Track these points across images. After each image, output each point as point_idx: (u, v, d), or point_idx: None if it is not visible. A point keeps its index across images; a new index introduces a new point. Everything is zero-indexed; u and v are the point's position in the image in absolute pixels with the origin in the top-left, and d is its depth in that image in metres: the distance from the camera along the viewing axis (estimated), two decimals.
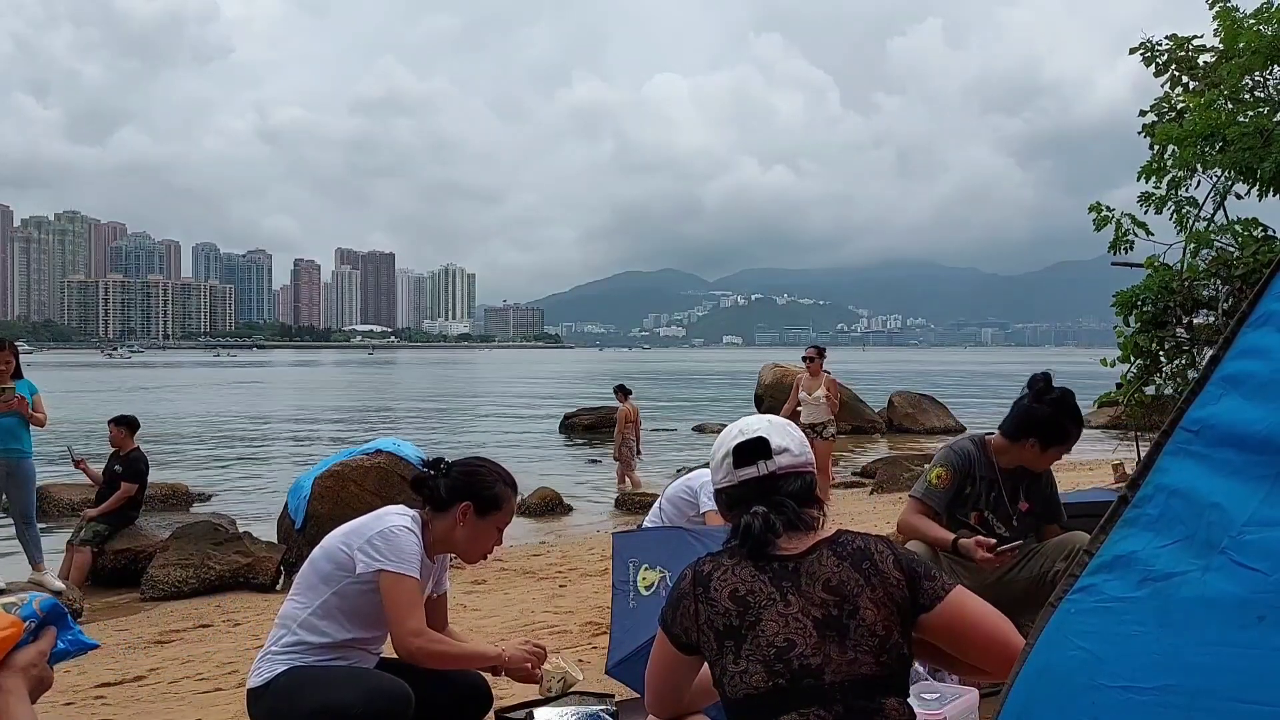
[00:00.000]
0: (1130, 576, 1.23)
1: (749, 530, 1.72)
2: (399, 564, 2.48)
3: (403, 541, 2.51)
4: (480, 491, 2.61)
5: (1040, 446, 3.17)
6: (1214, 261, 5.31)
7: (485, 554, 2.69)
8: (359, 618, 2.56)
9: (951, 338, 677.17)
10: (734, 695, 1.66)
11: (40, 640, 1.22)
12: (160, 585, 6.98)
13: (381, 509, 2.68)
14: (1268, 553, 1.11)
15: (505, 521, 2.66)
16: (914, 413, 21.20)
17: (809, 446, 1.91)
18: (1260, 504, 1.13)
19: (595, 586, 6.08)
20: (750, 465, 1.82)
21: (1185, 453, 1.25)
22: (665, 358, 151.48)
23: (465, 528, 2.60)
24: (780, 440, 1.83)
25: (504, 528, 2.67)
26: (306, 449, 18.38)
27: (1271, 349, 1.20)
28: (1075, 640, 1.24)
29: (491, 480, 2.64)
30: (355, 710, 2.42)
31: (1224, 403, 1.23)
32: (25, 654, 1.18)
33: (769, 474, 1.81)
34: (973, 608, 1.73)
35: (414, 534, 2.55)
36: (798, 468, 1.83)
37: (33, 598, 1.24)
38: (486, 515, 2.61)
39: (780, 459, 1.82)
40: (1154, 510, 1.25)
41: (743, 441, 1.83)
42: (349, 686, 2.49)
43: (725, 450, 1.86)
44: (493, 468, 2.69)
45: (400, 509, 2.64)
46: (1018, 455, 3.23)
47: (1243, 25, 5.30)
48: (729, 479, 1.85)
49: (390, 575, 2.47)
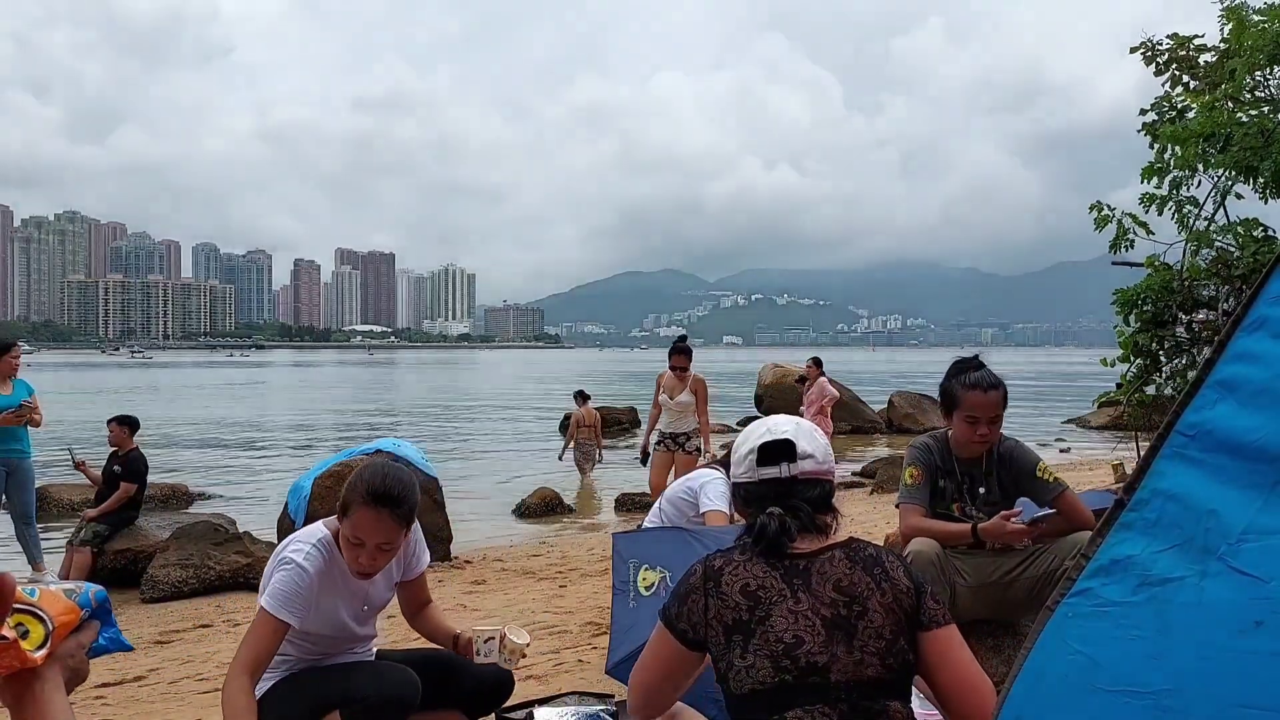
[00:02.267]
0: (1128, 581, 1.23)
1: (764, 530, 1.74)
2: (270, 601, 2.41)
3: (286, 579, 2.43)
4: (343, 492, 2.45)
5: (948, 415, 3.18)
6: (1214, 261, 5.31)
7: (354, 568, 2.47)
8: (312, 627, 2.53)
9: (951, 338, 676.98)
10: (739, 690, 1.66)
11: (82, 633, 1.20)
12: (160, 585, 6.97)
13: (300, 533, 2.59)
14: (1266, 560, 1.11)
15: (356, 535, 2.39)
16: (914, 413, 21.18)
17: (832, 454, 1.91)
18: (1258, 512, 1.13)
19: (595, 586, 6.08)
20: (773, 465, 1.83)
21: (1181, 457, 1.26)
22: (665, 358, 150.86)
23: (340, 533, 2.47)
24: (806, 445, 1.84)
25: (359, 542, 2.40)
26: (307, 449, 18.38)
27: (1266, 356, 1.20)
28: (1073, 644, 1.24)
29: (350, 483, 2.43)
30: (369, 696, 2.45)
31: (1220, 408, 1.23)
32: (66, 644, 1.17)
33: (790, 477, 1.82)
34: (959, 648, 1.74)
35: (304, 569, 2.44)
36: (819, 474, 1.85)
37: (89, 588, 1.23)
38: (341, 520, 2.45)
39: (804, 464, 1.83)
40: (1151, 514, 1.25)
41: (769, 441, 1.84)
42: (358, 675, 2.53)
43: (750, 447, 1.87)
44: (365, 471, 2.43)
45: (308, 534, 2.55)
46: (956, 436, 3.20)
47: (1250, 22, 5.29)
48: (750, 475, 1.86)
49: (261, 610, 2.42)
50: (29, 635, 1.09)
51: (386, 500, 2.38)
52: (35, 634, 1.10)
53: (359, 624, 2.67)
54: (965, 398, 3.11)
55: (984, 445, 3.18)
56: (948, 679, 1.70)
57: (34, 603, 1.12)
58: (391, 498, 2.38)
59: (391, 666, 2.63)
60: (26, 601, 1.11)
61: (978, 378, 3.12)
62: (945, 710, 1.76)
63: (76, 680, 1.20)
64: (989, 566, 3.21)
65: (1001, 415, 3.16)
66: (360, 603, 2.65)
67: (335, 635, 2.62)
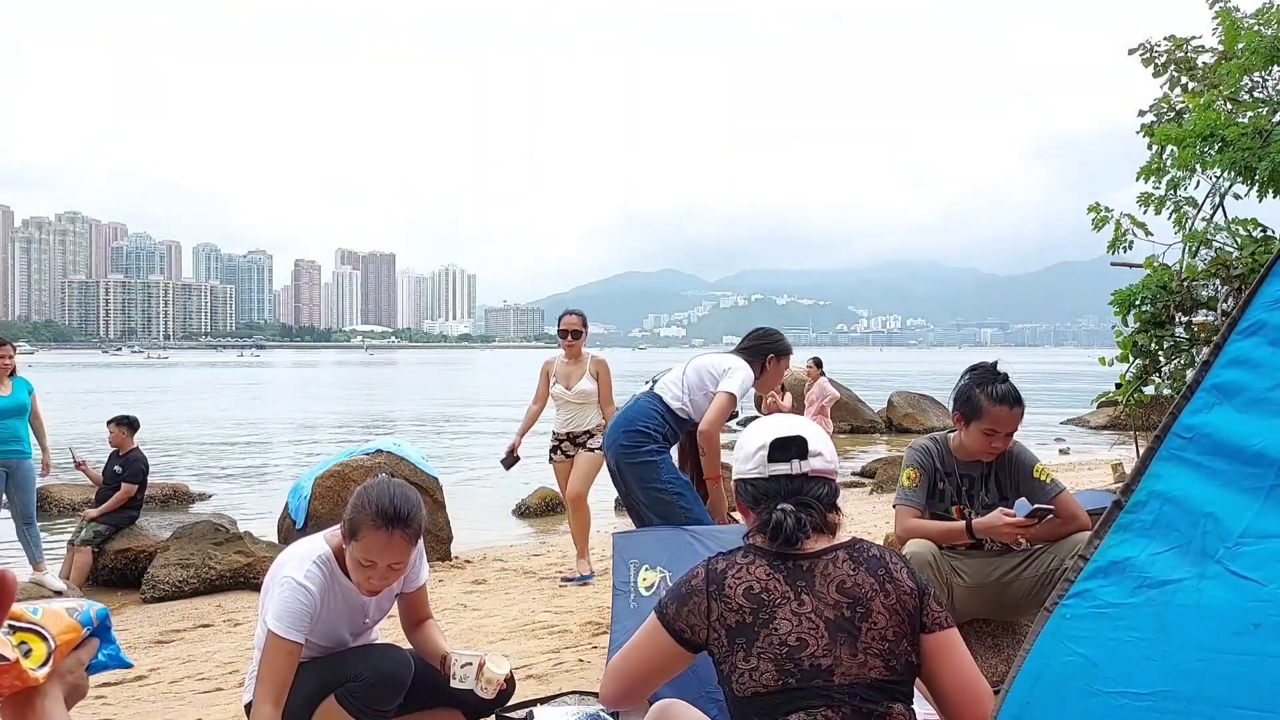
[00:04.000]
0: (1126, 583, 1.23)
1: (780, 527, 1.72)
2: (278, 624, 2.39)
3: (290, 599, 2.41)
4: (347, 514, 2.44)
5: (965, 423, 3.15)
6: (1213, 262, 5.31)
7: (365, 588, 2.47)
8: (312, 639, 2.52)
9: (951, 338, 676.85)
10: (742, 693, 1.66)
11: (82, 649, 1.22)
12: (161, 585, 6.98)
13: (298, 547, 2.58)
14: (1264, 564, 1.12)
15: (366, 557, 2.39)
16: (914, 413, 21.17)
17: (835, 454, 1.91)
18: (1255, 516, 1.13)
19: (595, 586, 6.08)
20: (785, 462, 1.82)
21: (1178, 459, 1.26)
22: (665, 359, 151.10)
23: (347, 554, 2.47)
24: (816, 444, 1.85)
25: (370, 564, 2.40)
26: (307, 449, 18.37)
27: (1262, 363, 1.20)
28: (1072, 645, 1.25)
29: (357, 505, 2.41)
30: (361, 673, 2.46)
31: (1216, 412, 1.23)
32: (67, 661, 1.19)
33: (801, 473, 1.81)
34: (960, 652, 1.73)
35: (305, 588, 2.43)
36: (827, 473, 1.85)
37: (90, 606, 1.25)
38: (348, 543, 2.44)
39: (814, 461, 1.83)
40: (1149, 516, 1.25)
41: (781, 437, 1.83)
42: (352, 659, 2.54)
43: (761, 443, 1.85)
44: (371, 493, 2.41)
45: (309, 550, 2.53)
46: (967, 443, 3.18)
47: (1243, 26, 5.31)
48: (759, 471, 1.84)
49: (270, 635, 2.39)
50: (31, 653, 1.12)
51: (396, 521, 2.37)
52: (38, 652, 1.13)
53: (355, 637, 2.69)
54: (990, 411, 3.07)
55: (994, 456, 3.18)
56: (947, 682, 1.70)
57: (37, 621, 1.15)
58: (401, 518, 2.38)
59: (385, 646, 2.63)
60: (30, 620, 1.14)
61: (1004, 392, 3.08)
62: (943, 713, 1.76)
63: (76, 696, 1.22)
64: (988, 566, 3.21)
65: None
66: (360, 618, 2.67)
67: (331, 647, 2.64)
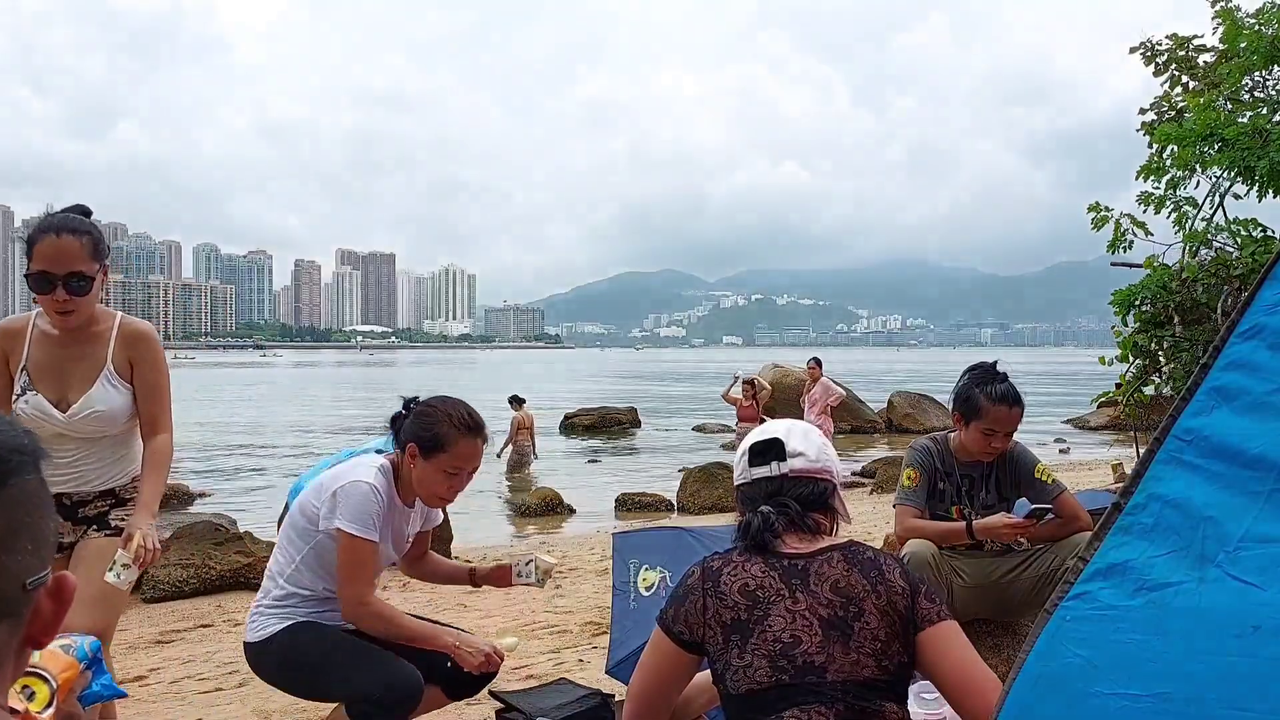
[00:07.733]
0: (1125, 585, 1.23)
1: (748, 527, 1.77)
2: (353, 524, 2.44)
3: (361, 499, 2.46)
4: (420, 432, 2.51)
5: (965, 423, 3.14)
6: (1213, 262, 5.31)
7: (439, 498, 2.59)
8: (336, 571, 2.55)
9: (951, 338, 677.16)
10: (736, 690, 1.67)
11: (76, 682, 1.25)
12: (161, 585, 6.99)
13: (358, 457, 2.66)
14: (1263, 568, 1.12)
15: (455, 465, 2.50)
16: (914, 413, 21.19)
17: (831, 454, 1.91)
18: (1255, 520, 1.14)
19: (595, 586, 6.08)
20: (764, 465, 1.85)
21: (1178, 462, 1.26)
22: (665, 358, 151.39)
23: (416, 469, 2.53)
24: (796, 444, 1.85)
25: (457, 471, 2.52)
26: (307, 448, 18.38)
27: (1262, 366, 1.20)
28: (1071, 647, 1.25)
29: (435, 419, 2.51)
30: (374, 696, 2.44)
31: (1216, 415, 1.24)
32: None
33: (780, 475, 1.83)
34: (958, 646, 1.72)
35: (376, 489, 2.49)
36: (811, 473, 1.85)
37: (82, 641, 1.27)
38: (430, 456, 2.50)
39: (794, 462, 1.84)
40: (1148, 519, 1.25)
41: (757, 441, 1.88)
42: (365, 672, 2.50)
43: (742, 449, 1.91)
44: (445, 407, 2.55)
45: (371, 459, 2.61)
46: (966, 443, 3.18)
47: (1243, 25, 5.31)
48: (744, 476, 1.89)
49: (344, 535, 2.44)
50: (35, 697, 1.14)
51: (477, 427, 2.56)
52: (41, 695, 1.15)
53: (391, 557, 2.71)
54: (989, 411, 3.07)
55: (994, 456, 3.18)
56: (949, 673, 1.69)
57: (37, 664, 1.17)
58: (480, 425, 2.58)
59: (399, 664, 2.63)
60: (31, 664, 1.15)
61: (1004, 392, 3.07)
62: (951, 703, 1.76)
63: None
64: (988, 566, 3.22)
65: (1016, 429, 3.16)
66: (401, 536, 2.69)
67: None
